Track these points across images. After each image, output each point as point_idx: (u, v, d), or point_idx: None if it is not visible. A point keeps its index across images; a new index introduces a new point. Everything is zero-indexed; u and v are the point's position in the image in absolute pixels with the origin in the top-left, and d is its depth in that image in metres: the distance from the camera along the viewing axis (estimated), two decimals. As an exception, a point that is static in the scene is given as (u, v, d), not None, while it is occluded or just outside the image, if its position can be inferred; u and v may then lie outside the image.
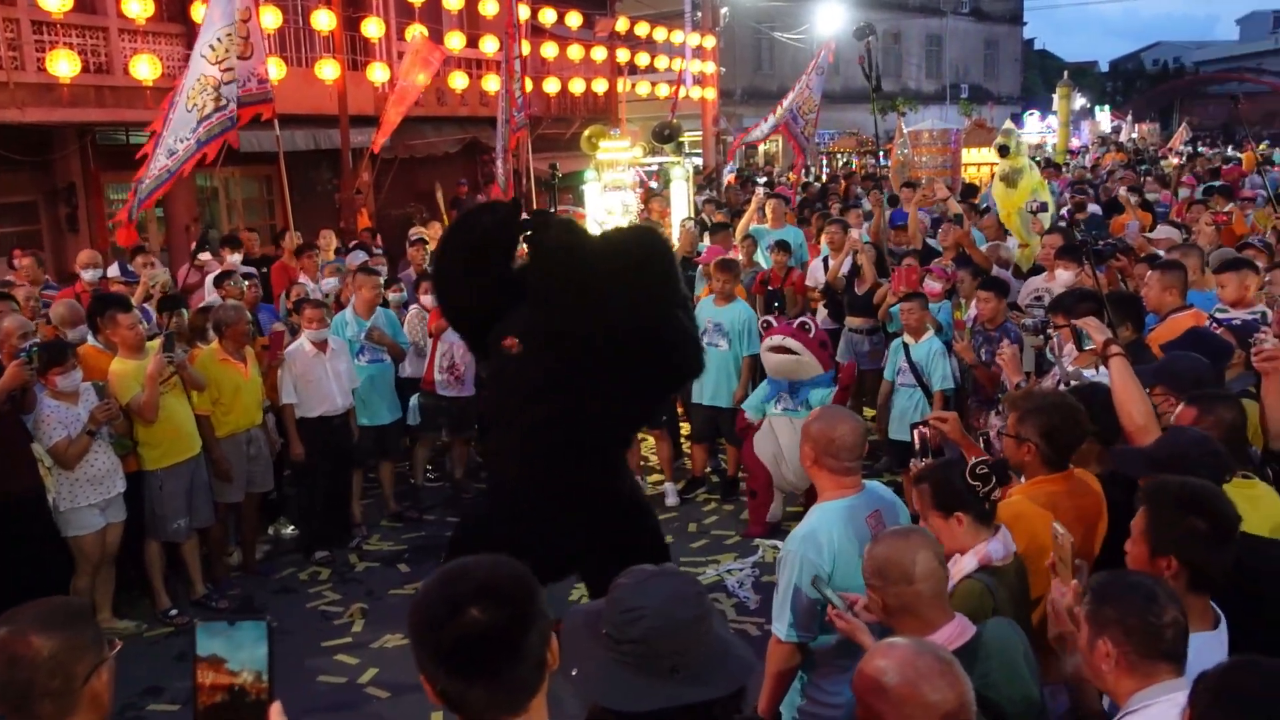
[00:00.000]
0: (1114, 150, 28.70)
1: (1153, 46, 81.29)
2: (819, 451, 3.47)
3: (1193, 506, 2.76)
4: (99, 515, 5.84)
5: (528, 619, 1.79)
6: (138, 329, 6.16)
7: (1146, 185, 15.83)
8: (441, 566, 1.88)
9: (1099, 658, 2.38)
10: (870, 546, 2.78)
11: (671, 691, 1.98)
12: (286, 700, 4.21)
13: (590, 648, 2.06)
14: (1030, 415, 3.56)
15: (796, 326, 6.83)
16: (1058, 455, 3.53)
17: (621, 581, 2.09)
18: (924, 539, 2.74)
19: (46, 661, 1.99)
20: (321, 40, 15.31)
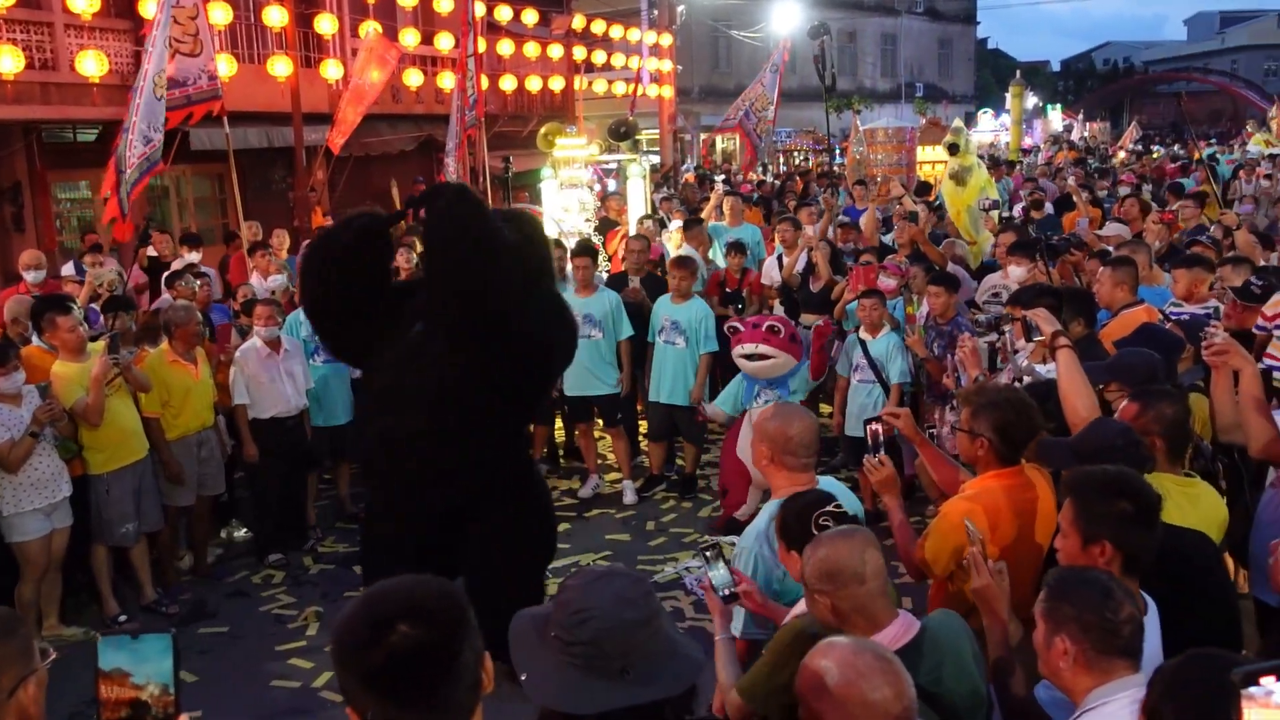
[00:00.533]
0: (1066, 149, 29.07)
1: (1103, 46, 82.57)
2: (776, 450, 3.48)
3: (1118, 490, 2.80)
4: (44, 520, 5.71)
5: (460, 637, 1.71)
6: (78, 331, 6.02)
7: (1096, 183, 16.05)
8: (369, 589, 1.79)
9: (1056, 655, 2.39)
10: (810, 552, 2.69)
11: (622, 692, 1.96)
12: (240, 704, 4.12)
13: (538, 651, 2.03)
14: (984, 410, 3.55)
15: (766, 330, 6.79)
16: (1010, 451, 3.53)
17: (569, 583, 2.07)
18: (866, 536, 2.70)
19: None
20: (274, 37, 15.13)
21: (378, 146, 17.38)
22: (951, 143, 11.21)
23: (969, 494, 3.53)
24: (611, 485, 8.21)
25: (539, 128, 13.18)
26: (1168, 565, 2.83)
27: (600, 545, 7.12)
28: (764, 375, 6.91)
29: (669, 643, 2.06)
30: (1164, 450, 3.45)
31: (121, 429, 6.12)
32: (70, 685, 4.58)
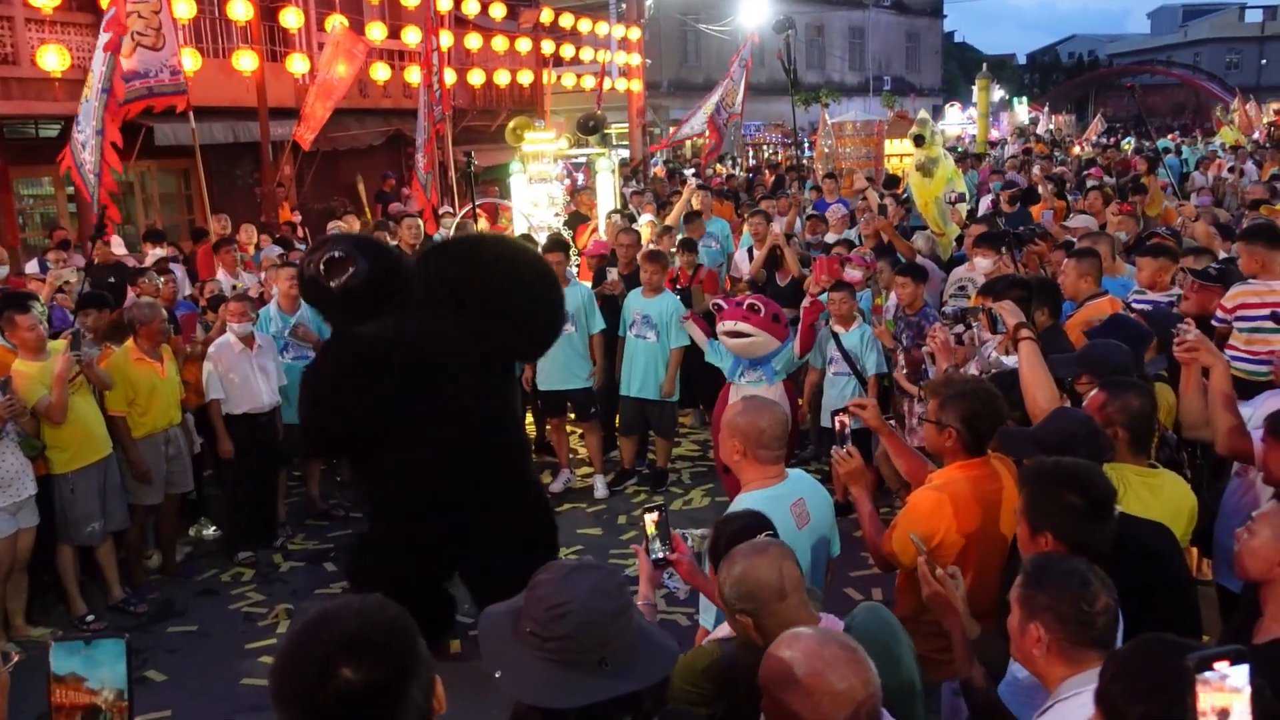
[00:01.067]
0: (1034, 141, 29.31)
1: (1068, 40, 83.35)
2: (748, 443, 3.47)
3: (1067, 483, 2.83)
4: (9, 519, 5.65)
5: (407, 672, 1.62)
6: (38, 330, 5.93)
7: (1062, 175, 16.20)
8: (305, 616, 1.67)
9: (1030, 643, 2.41)
10: (725, 571, 2.62)
11: (603, 684, 1.97)
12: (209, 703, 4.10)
13: (513, 647, 2.03)
14: (951, 401, 3.58)
15: (746, 309, 6.80)
16: (977, 441, 3.57)
17: (542, 578, 2.07)
18: (780, 548, 2.64)
19: None
20: (239, 30, 15.00)
21: (345, 141, 17.29)
22: (917, 134, 11.27)
23: (936, 484, 3.57)
24: (582, 480, 8.22)
25: (507, 122, 13.13)
26: (1127, 555, 2.86)
27: (571, 540, 7.11)
28: (744, 354, 6.94)
29: (643, 634, 2.07)
30: (1127, 441, 3.48)
31: (85, 427, 6.05)
32: (37, 686, 4.53)
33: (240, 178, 16.71)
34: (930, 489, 3.55)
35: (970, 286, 7.30)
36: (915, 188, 10.91)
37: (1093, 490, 2.83)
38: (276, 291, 7.66)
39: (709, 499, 7.69)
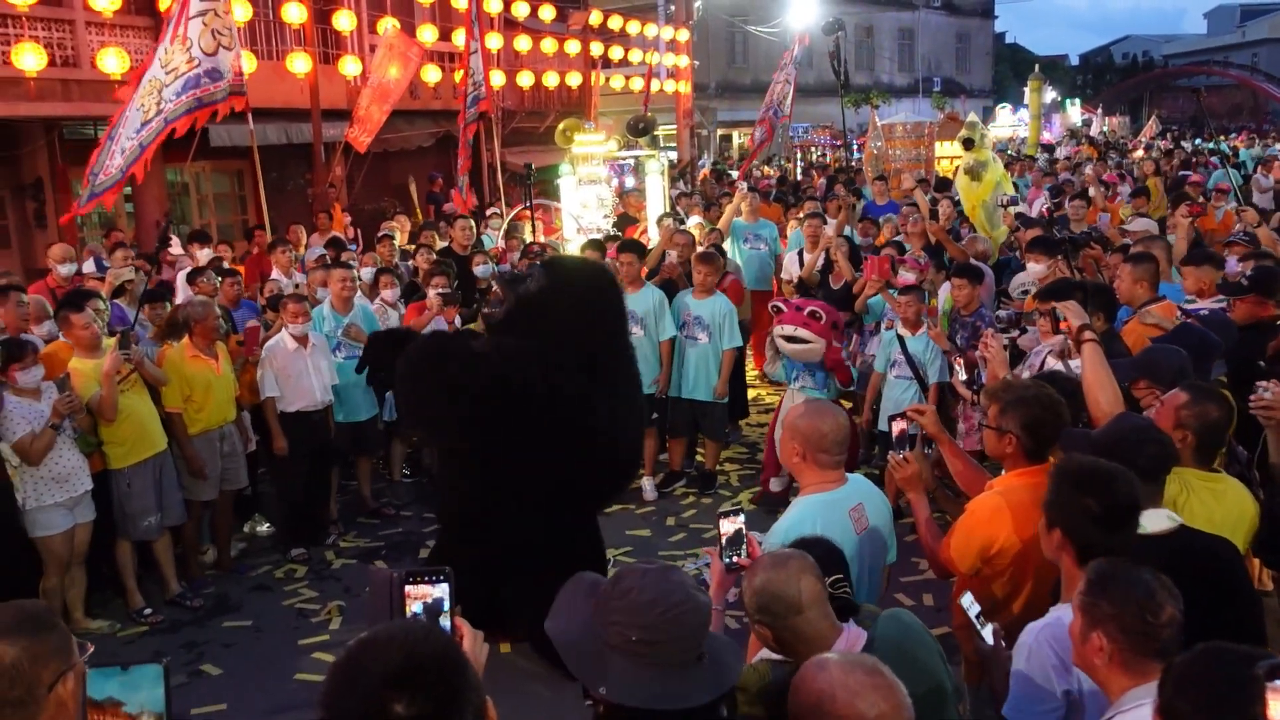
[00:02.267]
0: (1085, 144, 28.92)
1: (1122, 40, 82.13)
2: (808, 447, 3.44)
3: (1089, 487, 2.79)
4: (66, 515, 5.76)
5: (460, 701, 1.60)
6: (92, 328, 6.06)
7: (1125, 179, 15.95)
8: (354, 643, 1.67)
9: (1091, 651, 2.37)
10: (747, 580, 2.63)
11: (705, 678, 2.06)
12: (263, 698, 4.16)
13: (609, 657, 2.07)
14: (1012, 407, 3.54)
15: (807, 315, 6.80)
16: (1039, 447, 3.52)
17: (633, 585, 2.10)
18: (802, 561, 2.61)
19: (8, 670, 1.92)
20: (292, 33, 15.18)
21: (396, 142, 17.42)
22: (966, 137, 11.18)
23: (996, 490, 3.53)
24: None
25: (556, 124, 13.19)
26: (1188, 565, 2.81)
27: (621, 541, 7.12)
28: (800, 358, 6.92)
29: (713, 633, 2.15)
30: (1194, 447, 3.42)
31: (140, 424, 6.16)
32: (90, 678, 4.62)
33: (292, 178, 16.90)
34: (990, 495, 3.51)
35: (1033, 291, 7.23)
36: (963, 191, 10.82)
37: (1111, 497, 2.78)
38: (329, 292, 7.75)
39: (768, 507, 7.66)
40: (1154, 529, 2.97)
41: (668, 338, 7.76)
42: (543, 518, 5.18)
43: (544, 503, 5.16)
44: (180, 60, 9.06)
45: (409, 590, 1.91)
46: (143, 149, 8.82)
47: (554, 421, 5.03)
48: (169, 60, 8.93)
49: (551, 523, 5.20)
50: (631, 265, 7.80)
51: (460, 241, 9.95)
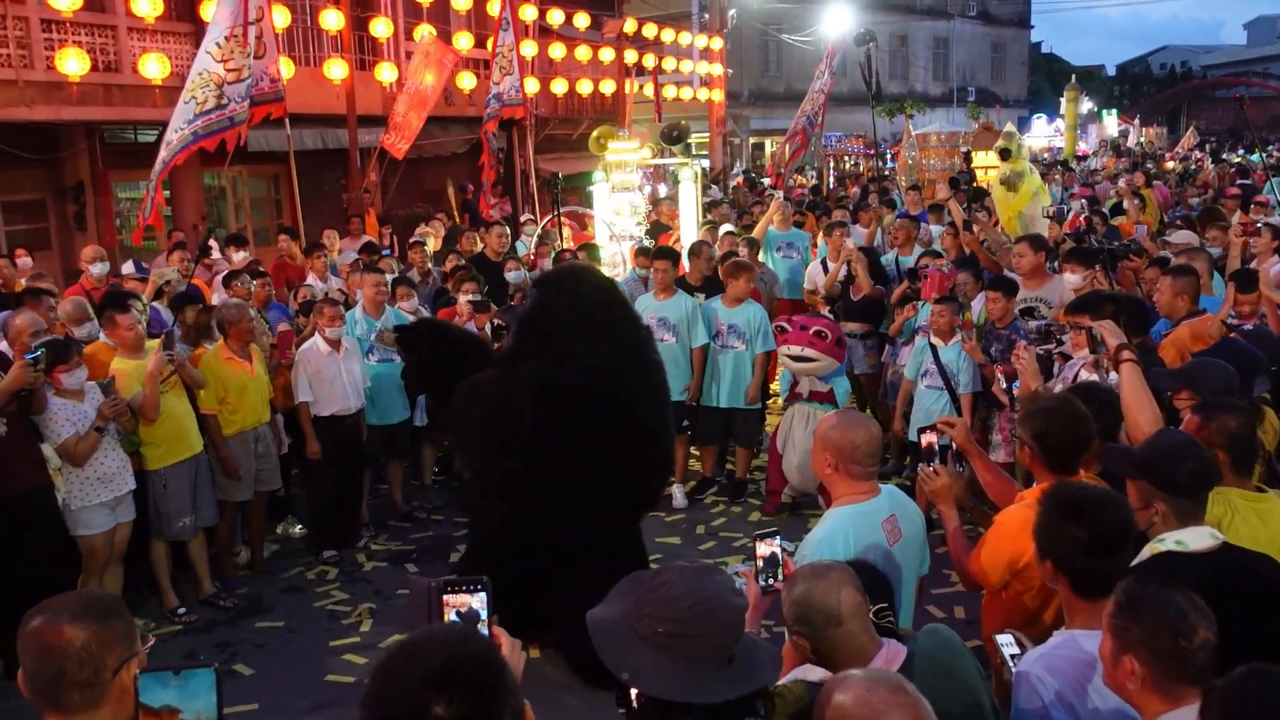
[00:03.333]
0: (1112, 156, 28.64)
1: (1160, 50, 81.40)
2: (840, 458, 3.40)
3: (1075, 515, 2.76)
4: (109, 514, 5.83)
5: (499, 704, 1.62)
6: (136, 329, 6.14)
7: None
8: (395, 645, 1.69)
9: (1123, 674, 2.33)
10: (785, 593, 2.61)
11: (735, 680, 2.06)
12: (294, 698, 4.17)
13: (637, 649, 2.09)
14: (1028, 418, 3.54)
15: (813, 334, 6.84)
16: (1051, 459, 3.48)
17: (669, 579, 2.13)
18: (842, 573, 2.58)
19: (78, 652, 2.03)
20: (330, 40, 15.33)
21: (430, 149, 17.54)
22: (1003, 148, 11.11)
23: (1025, 503, 3.49)
24: (660, 488, 8.22)
25: (589, 131, 13.22)
26: (1230, 582, 2.77)
27: (650, 548, 7.08)
28: (806, 375, 6.95)
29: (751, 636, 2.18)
30: (1228, 464, 3.38)
31: (177, 424, 6.23)
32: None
33: (327, 183, 17.05)
34: (1019, 507, 3.48)
35: (1041, 307, 7.17)
36: (999, 201, 10.75)
37: (1100, 525, 2.74)
38: (361, 296, 7.81)
39: (786, 511, 7.64)
40: (1196, 546, 2.93)
41: (700, 345, 7.76)
42: (584, 528, 5.16)
43: (586, 512, 5.14)
44: (242, 61, 9.16)
45: (447, 599, 1.93)
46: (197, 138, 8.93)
47: (597, 420, 5.03)
48: (224, 54, 9.01)
49: (592, 533, 5.19)
50: (666, 272, 7.80)
51: (494, 248, 10.01)
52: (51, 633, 2.06)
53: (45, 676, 2.02)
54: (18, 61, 11.68)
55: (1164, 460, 3.11)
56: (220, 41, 8.99)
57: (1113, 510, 2.78)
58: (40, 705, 2.07)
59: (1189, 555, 2.90)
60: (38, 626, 2.08)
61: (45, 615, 2.10)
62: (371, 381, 7.43)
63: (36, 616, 2.10)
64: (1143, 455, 3.22)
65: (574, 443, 5.00)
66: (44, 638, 2.06)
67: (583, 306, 5.29)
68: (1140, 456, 3.21)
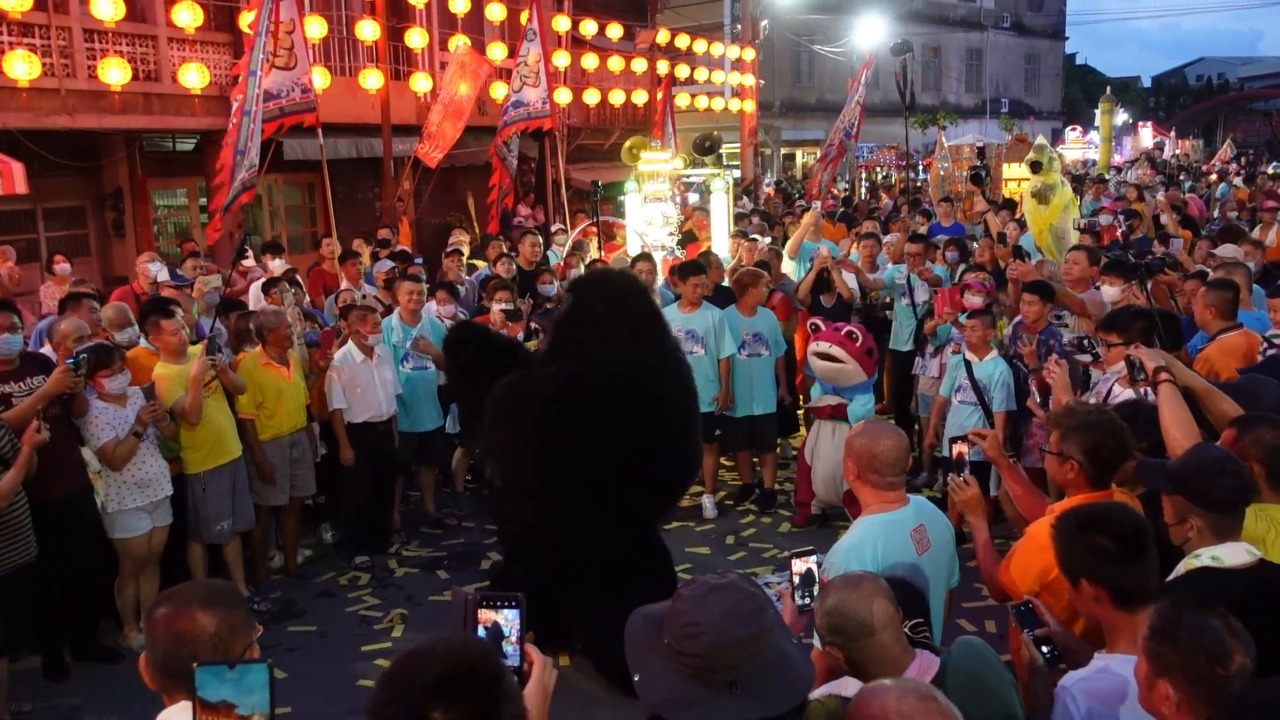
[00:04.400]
0: (1147, 167, 28.36)
1: (1196, 62, 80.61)
2: (862, 467, 3.41)
3: (1090, 526, 2.76)
4: (146, 518, 5.91)
5: (495, 709, 1.66)
6: (180, 334, 6.23)
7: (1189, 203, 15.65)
8: (400, 654, 1.75)
9: (1158, 699, 2.31)
10: (820, 600, 2.64)
11: (730, 706, 2.00)
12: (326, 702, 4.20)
13: (651, 654, 2.08)
14: (1073, 433, 3.48)
15: (844, 335, 6.82)
16: (1100, 473, 3.45)
17: (684, 593, 2.11)
18: (875, 584, 2.59)
19: (211, 638, 2.13)
20: (365, 50, 15.47)
21: (463, 158, 17.63)
22: (1034, 160, 11.04)
23: (1057, 515, 3.47)
24: (691, 498, 8.21)
25: (620, 141, 13.26)
26: (1267, 599, 2.74)
27: (680, 558, 7.10)
28: (829, 378, 6.94)
29: (780, 658, 2.08)
30: (1264, 476, 3.34)
31: (217, 429, 6.31)
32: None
33: (361, 192, 17.20)
34: (1052, 519, 3.46)
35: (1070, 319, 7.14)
36: (1030, 214, 10.67)
37: (1119, 527, 2.74)
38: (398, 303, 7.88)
39: (815, 523, 7.62)
40: (1233, 563, 2.91)
41: (727, 355, 7.78)
42: (609, 527, 5.18)
43: (610, 510, 5.16)
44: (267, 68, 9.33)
45: (482, 614, 1.95)
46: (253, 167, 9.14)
47: (622, 416, 5.05)
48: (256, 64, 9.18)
49: (617, 533, 5.21)
50: (699, 287, 7.81)
51: (527, 257, 10.06)
52: (184, 619, 2.15)
53: (179, 661, 2.09)
54: (60, 71, 11.87)
55: (1199, 475, 3.09)
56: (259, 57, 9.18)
57: (1122, 512, 2.81)
58: (169, 688, 2.15)
59: (1225, 571, 2.88)
60: (168, 613, 2.17)
61: (173, 603, 2.19)
62: (405, 388, 7.49)
63: (164, 604, 2.20)
64: (1178, 470, 3.20)
65: (598, 439, 5.02)
66: (176, 624, 2.15)
67: (613, 308, 5.32)
68: (1175, 471, 3.19)
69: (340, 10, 15.92)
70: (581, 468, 5.04)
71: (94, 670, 5.80)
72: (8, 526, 5.05)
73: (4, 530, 5.03)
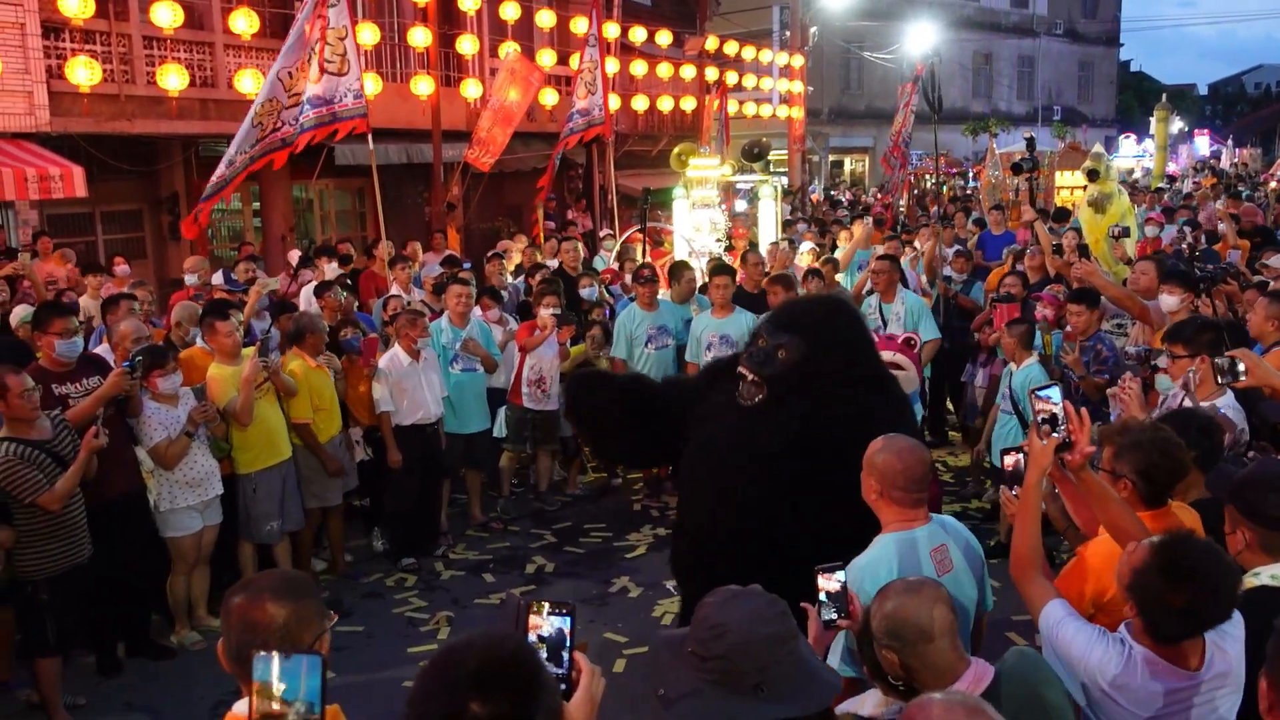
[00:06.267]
0: (1209, 175, 27.90)
1: (1254, 69, 79.20)
2: (885, 484, 3.30)
3: (1176, 581, 2.60)
4: (197, 517, 6.00)
5: (532, 701, 1.69)
6: (234, 336, 6.33)
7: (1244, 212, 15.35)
8: (439, 649, 1.78)
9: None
10: (877, 605, 2.60)
11: (756, 709, 2.00)
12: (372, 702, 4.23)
13: (676, 666, 2.08)
14: (1127, 451, 3.37)
15: (903, 343, 6.75)
16: (1155, 492, 3.36)
17: (708, 600, 2.12)
18: (935, 590, 2.57)
19: (280, 628, 2.19)
20: (417, 56, 15.63)
21: (511, 164, 17.74)
22: (1091, 168, 10.93)
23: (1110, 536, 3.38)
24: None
25: (669, 147, 13.26)
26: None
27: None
28: None
29: (805, 664, 2.09)
30: None
31: (269, 430, 6.40)
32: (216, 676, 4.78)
33: (410, 197, 17.36)
34: (1106, 540, 3.34)
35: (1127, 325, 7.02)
36: (1086, 224, 10.56)
37: (1198, 601, 2.60)
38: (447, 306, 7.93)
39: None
40: None
41: None
42: None
43: None
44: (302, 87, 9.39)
45: (533, 620, 1.95)
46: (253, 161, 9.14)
47: None
48: (292, 86, 9.25)
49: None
50: (726, 289, 7.78)
51: (569, 264, 10.09)
52: (255, 609, 2.22)
53: (249, 650, 2.12)
54: (120, 77, 12.11)
55: (1253, 488, 3.03)
56: (293, 71, 9.24)
57: (1216, 584, 2.60)
58: (243, 676, 2.18)
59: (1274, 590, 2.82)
60: (241, 603, 2.24)
61: (248, 592, 2.26)
62: (453, 390, 7.54)
63: (239, 593, 2.27)
64: (1238, 480, 3.14)
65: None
66: (248, 614, 2.22)
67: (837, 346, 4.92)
68: (1236, 481, 3.14)
69: (392, 17, 16.09)
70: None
71: (146, 666, 5.89)
72: (64, 527, 5.13)
73: (60, 530, 5.11)
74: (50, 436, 5.11)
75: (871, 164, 37.14)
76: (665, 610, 6.43)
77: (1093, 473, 3.24)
